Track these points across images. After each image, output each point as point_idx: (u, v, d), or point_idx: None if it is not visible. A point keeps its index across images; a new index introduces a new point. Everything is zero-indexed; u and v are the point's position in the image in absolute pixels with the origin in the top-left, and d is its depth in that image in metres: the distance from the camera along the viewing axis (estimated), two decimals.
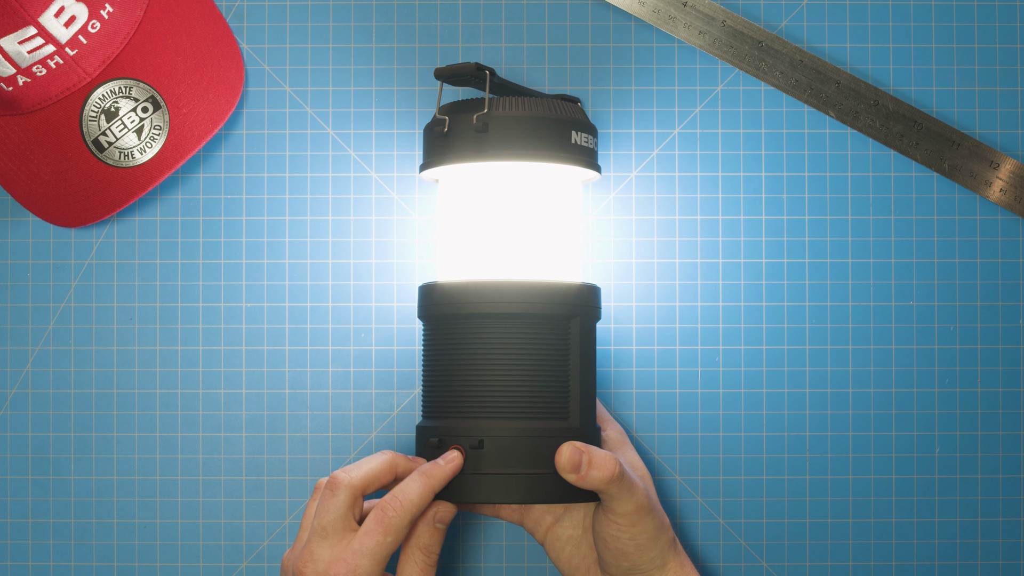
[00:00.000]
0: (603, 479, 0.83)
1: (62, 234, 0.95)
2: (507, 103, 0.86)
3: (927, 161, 0.94)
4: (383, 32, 0.95)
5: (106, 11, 0.88)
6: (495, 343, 0.85)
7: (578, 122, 0.87)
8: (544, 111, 0.86)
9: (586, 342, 0.87)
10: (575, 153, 0.87)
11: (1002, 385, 0.95)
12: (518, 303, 0.85)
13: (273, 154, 0.95)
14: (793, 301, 0.95)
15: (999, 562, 0.95)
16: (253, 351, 0.95)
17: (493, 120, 0.85)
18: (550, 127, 0.86)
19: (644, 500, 0.85)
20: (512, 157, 0.85)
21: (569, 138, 0.86)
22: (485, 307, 0.85)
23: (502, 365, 0.85)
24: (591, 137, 0.88)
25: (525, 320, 0.85)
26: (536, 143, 0.86)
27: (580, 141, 0.87)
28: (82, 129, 0.90)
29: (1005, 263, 0.95)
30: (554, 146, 0.86)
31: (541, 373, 0.85)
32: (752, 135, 0.95)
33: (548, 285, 0.85)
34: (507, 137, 0.86)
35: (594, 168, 0.88)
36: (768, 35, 0.93)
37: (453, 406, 0.85)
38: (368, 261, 0.95)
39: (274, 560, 0.95)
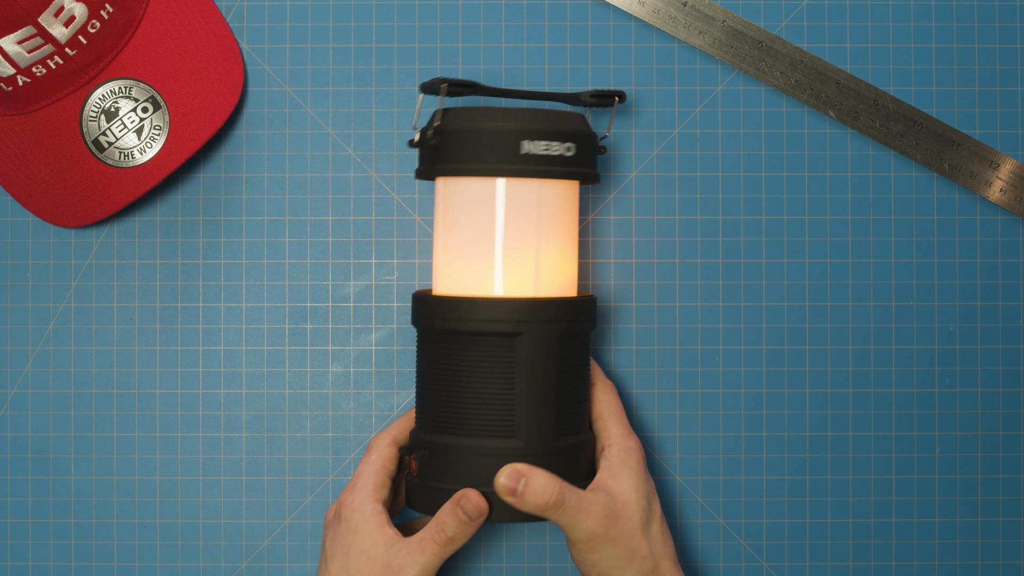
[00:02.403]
0: (539, 505, 0.82)
1: (62, 234, 0.95)
2: (462, 114, 0.84)
3: (927, 161, 0.94)
4: (383, 32, 0.95)
5: (106, 11, 0.88)
6: (443, 359, 0.85)
7: (534, 130, 0.83)
8: (492, 121, 0.83)
9: (539, 359, 0.84)
10: (527, 163, 0.83)
11: (1002, 385, 0.95)
12: (456, 320, 0.84)
13: (273, 154, 0.95)
14: (793, 301, 0.95)
15: (999, 562, 0.95)
16: (253, 351, 0.95)
17: (443, 133, 0.84)
18: (496, 138, 0.83)
19: (597, 529, 0.83)
20: (454, 172, 0.84)
21: (518, 148, 0.83)
22: (434, 323, 0.85)
23: (447, 381, 0.85)
24: (556, 143, 0.84)
25: (464, 337, 0.84)
26: (479, 155, 0.83)
27: (535, 150, 0.83)
28: (82, 129, 0.90)
29: (1005, 263, 0.95)
30: (500, 158, 0.83)
31: (482, 391, 0.84)
32: (752, 135, 0.95)
33: (488, 301, 0.83)
34: (452, 151, 0.84)
35: (552, 175, 0.84)
36: (768, 35, 0.93)
37: (419, 417, 0.87)
38: (368, 261, 0.95)
39: (274, 560, 0.95)
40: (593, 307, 0.87)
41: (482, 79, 0.95)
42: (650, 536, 0.85)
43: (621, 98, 0.88)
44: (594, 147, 0.87)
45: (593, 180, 0.86)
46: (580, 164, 0.85)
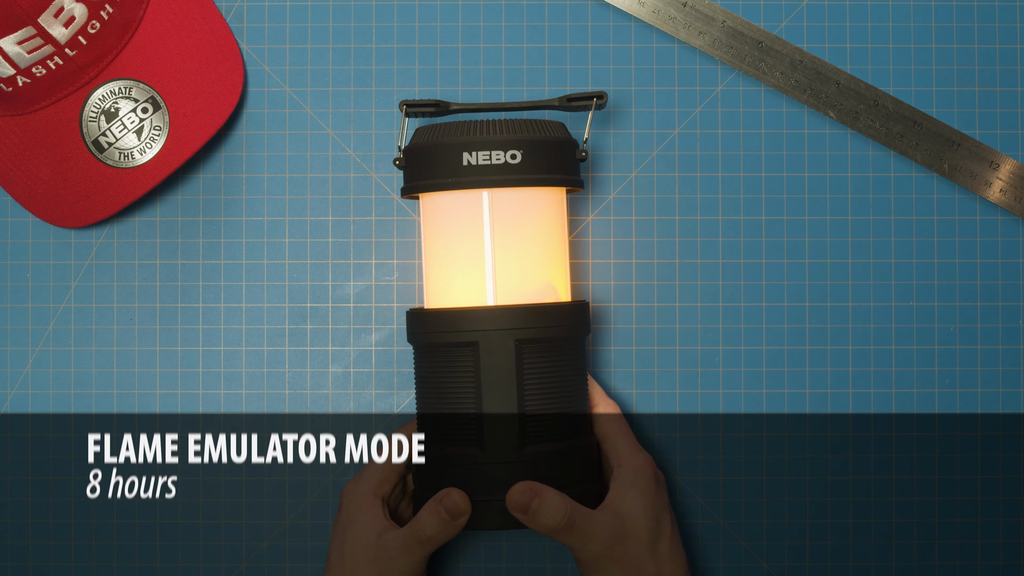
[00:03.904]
0: (548, 527, 0.82)
1: (62, 234, 0.95)
2: (421, 134, 0.86)
3: (927, 161, 0.94)
4: (383, 32, 0.95)
5: (106, 11, 0.88)
6: (419, 370, 0.87)
7: (474, 142, 0.84)
8: (440, 136, 0.85)
9: (495, 367, 0.84)
10: (470, 175, 0.84)
11: (1002, 385, 0.95)
12: (420, 333, 0.86)
13: (273, 154, 0.95)
14: (793, 301, 0.95)
15: (999, 562, 0.95)
16: (253, 351, 0.95)
17: (407, 154, 0.87)
18: (441, 153, 0.85)
19: (603, 551, 0.83)
20: (411, 191, 0.87)
21: (460, 160, 0.84)
22: (411, 337, 0.87)
23: (423, 392, 0.87)
24: (498, 152, 0.84)
25: (429, 349, 0.86)
26: (429, 172, 0.85)
27: (477, 161, 0.84)
28: (82, 130, 0.90)
29: (1005, 263, 0.95)
30: (444, 172, 0.85)
31: (447, 400, 0.85)
32: (752, 135, 0.95)
33: (444, 313, 0.85)
34: (411, 170, 0.87)
35: (494, 184, 0.85)
36: (768, 35, 0.93)
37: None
38: (368, 261, 0.95)
39: (274, 560, 0.95)
40: (565, 312, 0.86)
41: (482, 79, 0.95)
42: (658, 555, 0.85)
43: (600, 99, 0.87)
44: (556, 151, 0.85)
45: (551, 184, 0.86)
46: (528, 171, 0.85)
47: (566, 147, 0.86)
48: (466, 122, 0.85)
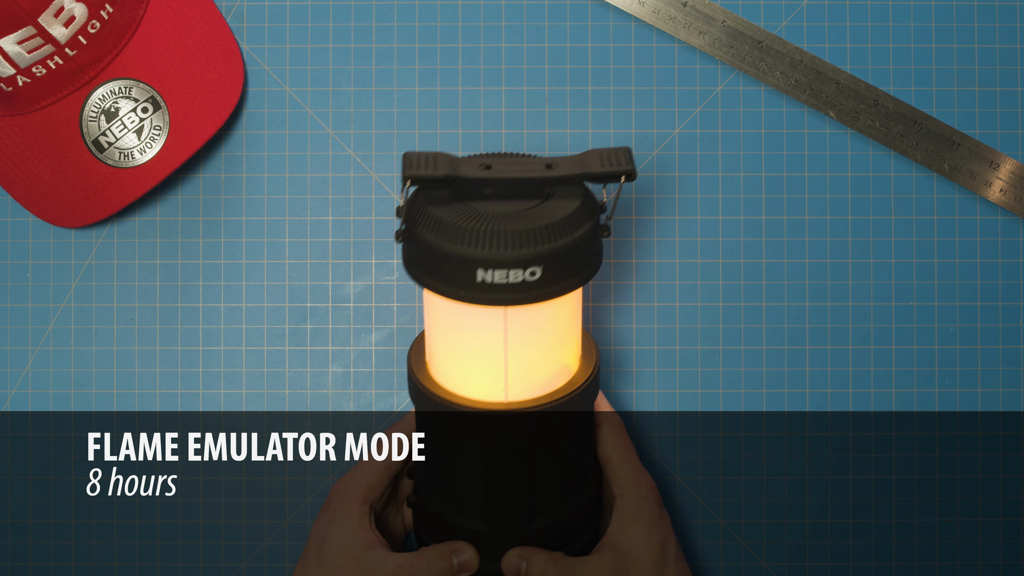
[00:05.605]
0: None
1: (62, 234, 0.95)
2: (425, 218, 0.76)
3: (927, 161, 0.94)
4: (383, 32, 0.95)
5: (106, 11, 0.88)
6: (426, 430, 0.84)
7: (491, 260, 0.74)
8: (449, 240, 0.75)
9: (505, 459, 0.81)
10: (485, 292, 0.75)
11: (1002, 385, 0.95)
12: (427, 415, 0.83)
13: (273, 154, 0.95)
14: (793, 301, 0.95)
15: (999, 562, 0.95)
16: (253, 351, 0.95)
17: (408, 235, 0.77)
18: (451, 263, 0.75)
19: None
20: (418, 280, 0.78)
21: (474, 276, 0.75)
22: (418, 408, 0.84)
23: (431, 449, 0.84)
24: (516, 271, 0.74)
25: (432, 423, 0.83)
26: (438, 274, 0.76)
27: (492, 279, 0.75)
28: (82, 129, 0.90)
29: (1005, 263, 0.95)
30: (456, 283, 0.76)
31: (456, 473, 0.82)
32: (752, 135, 0.95)
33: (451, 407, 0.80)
34: (416, 259, 0.78)
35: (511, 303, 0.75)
36: (768, 35, 0.93)
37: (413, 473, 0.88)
38: (368, 261, 0.95)
39: (274, 560, 0.95)
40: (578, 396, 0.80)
41: (482, 80, 0.95)
42: None
43: (630, 177, 0.77)
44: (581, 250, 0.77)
45: (572, 290, 0.77)
46: (549, 284, 0.76)
47: (590, 238, 0.77)
48: (479, 231, 0.75)
